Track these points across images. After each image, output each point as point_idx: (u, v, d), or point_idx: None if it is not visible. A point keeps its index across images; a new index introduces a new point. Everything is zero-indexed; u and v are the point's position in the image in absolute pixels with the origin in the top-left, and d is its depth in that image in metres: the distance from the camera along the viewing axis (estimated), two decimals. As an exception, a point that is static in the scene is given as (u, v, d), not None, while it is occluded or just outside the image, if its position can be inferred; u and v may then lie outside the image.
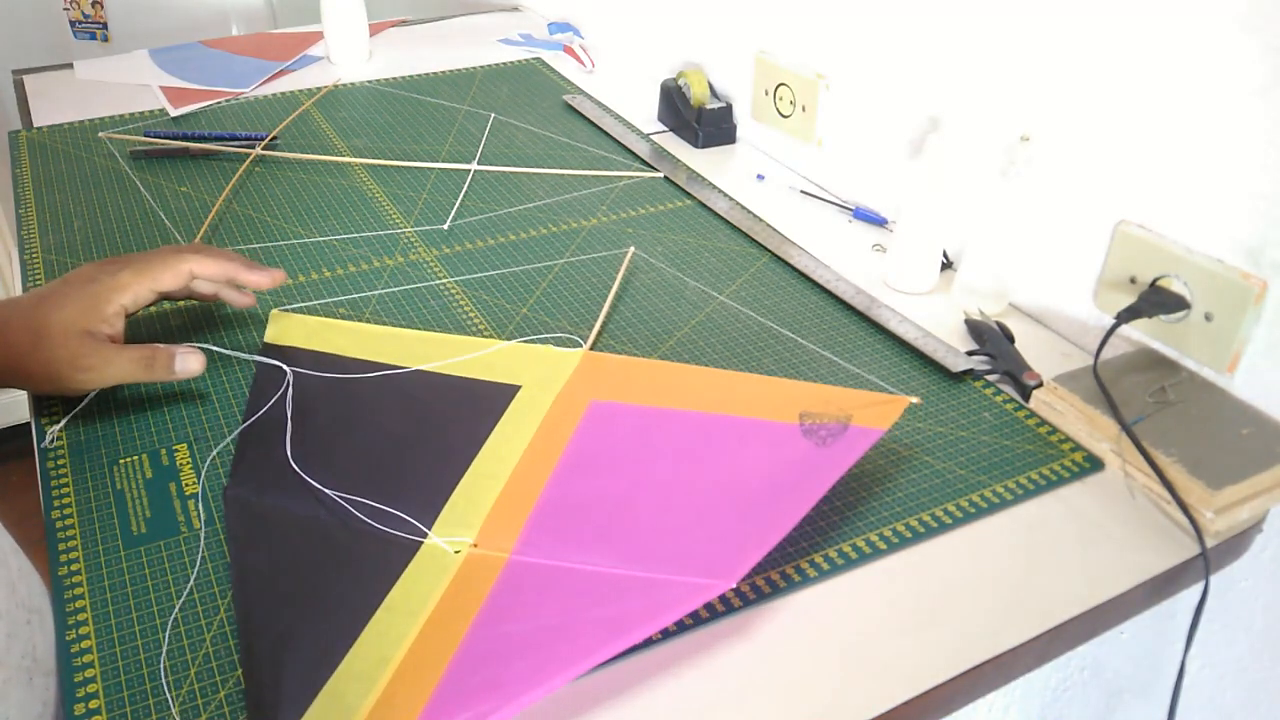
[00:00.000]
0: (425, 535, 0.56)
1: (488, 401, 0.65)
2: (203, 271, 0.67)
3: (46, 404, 0.66)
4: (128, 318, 0.65)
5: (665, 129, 1.10)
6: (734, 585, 0.49)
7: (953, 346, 0.73)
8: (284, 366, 0.68)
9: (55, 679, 0.50)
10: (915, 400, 0.61)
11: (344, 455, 0.61)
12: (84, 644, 0.50)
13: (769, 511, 0.54)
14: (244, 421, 0.64)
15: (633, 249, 0.85)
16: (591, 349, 0.71)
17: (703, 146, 1.06)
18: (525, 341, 0.72)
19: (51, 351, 0.61)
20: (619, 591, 0.51)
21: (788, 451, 0.58)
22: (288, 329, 0.73)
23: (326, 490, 0.58)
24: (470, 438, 0.62)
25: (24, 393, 0.66)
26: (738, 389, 0.64)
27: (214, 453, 0.62)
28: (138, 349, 0.63)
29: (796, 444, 0.59)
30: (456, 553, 0.55)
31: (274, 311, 0.75)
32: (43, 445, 0.62)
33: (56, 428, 0.63)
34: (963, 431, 0.66)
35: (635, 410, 0.63)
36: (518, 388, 0.66)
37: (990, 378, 0.71)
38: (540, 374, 0.68)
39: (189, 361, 0.64)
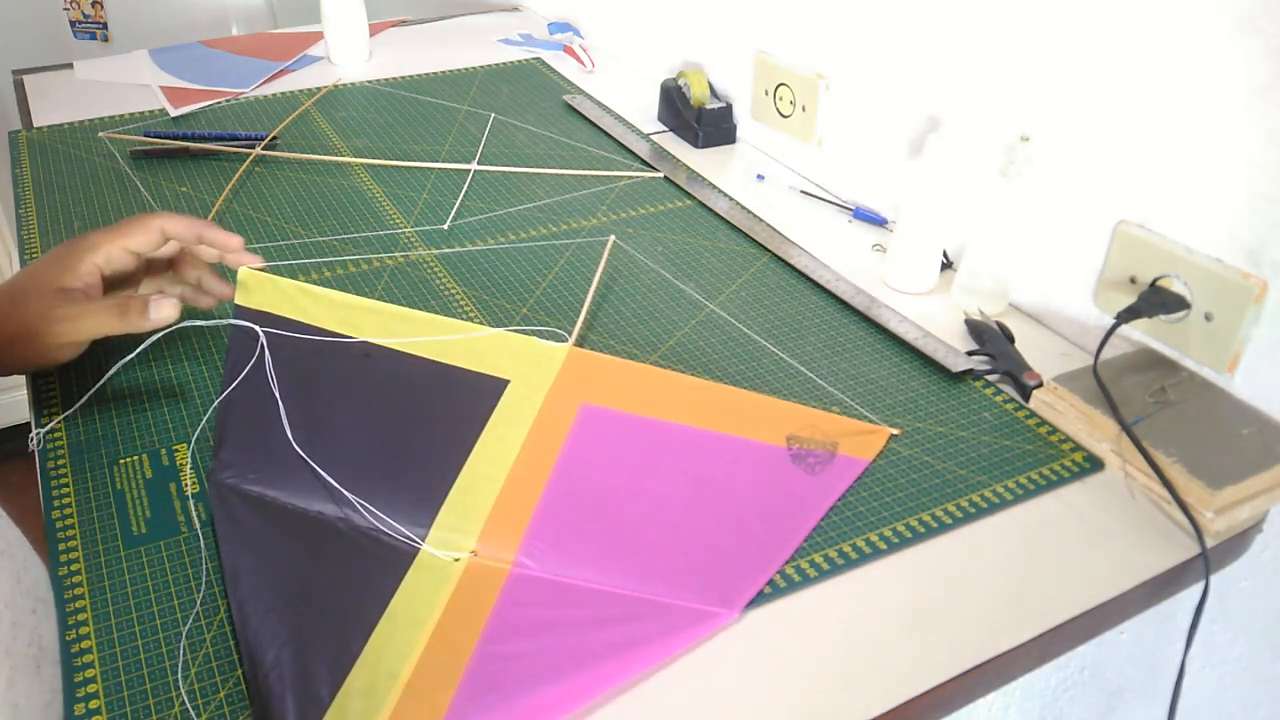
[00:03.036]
0: (422, 543, 0.55)
1: (476, 395, 0.64)
2: (173, 229, 0.67)
3: (47, 403, 0.66)
4: (106, 280, 0.65)
5: (665, 129, 1.10)
6: (736, 615, 0.52)
7: (953, 346, 0.73)
8: (256, 328, 0.63)
9: (60, 670, 0.50)
10: (895, 432, 0.65)
11: (328, 440, 0.60)
12: (84, 644, 0.50)
13: (768, 537, 0.56)
14: (222, 390, 0.62)
15: (613, 238, 0.85)
16: (577, 345, 0.71)
17: (703, 146, 1.06)
18: (511, 330, 0.70)
19: (26, 308, 0.61)
20: (627, 614, 0.52)
21: (780, 476, 0.61)
22: (257, 290, 0.66)
23: (334, 483, 0.57)
24: (461, 434, 0.62)
25: (24, 393, 0.65)
26: (725, 404, 0.65)
27: (205, 437, 0.62)
28: (111, 298, 0.62)
29: (787, 469, 0.61)
30: (456, 560, 0.55)
31: (242, 270, 0.66)
32: (30, 449, 0.62)
33: (42, 430, 0.63)
34: (963, 431, 0.66)
35: (627, 419, 0.63)
36: (506, 382, 0.65)
37: (990, 378, 0.71)
38: (527, 368, 0.66)
39: (163, 308, 0.62)
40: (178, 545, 0.56)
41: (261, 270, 0.67)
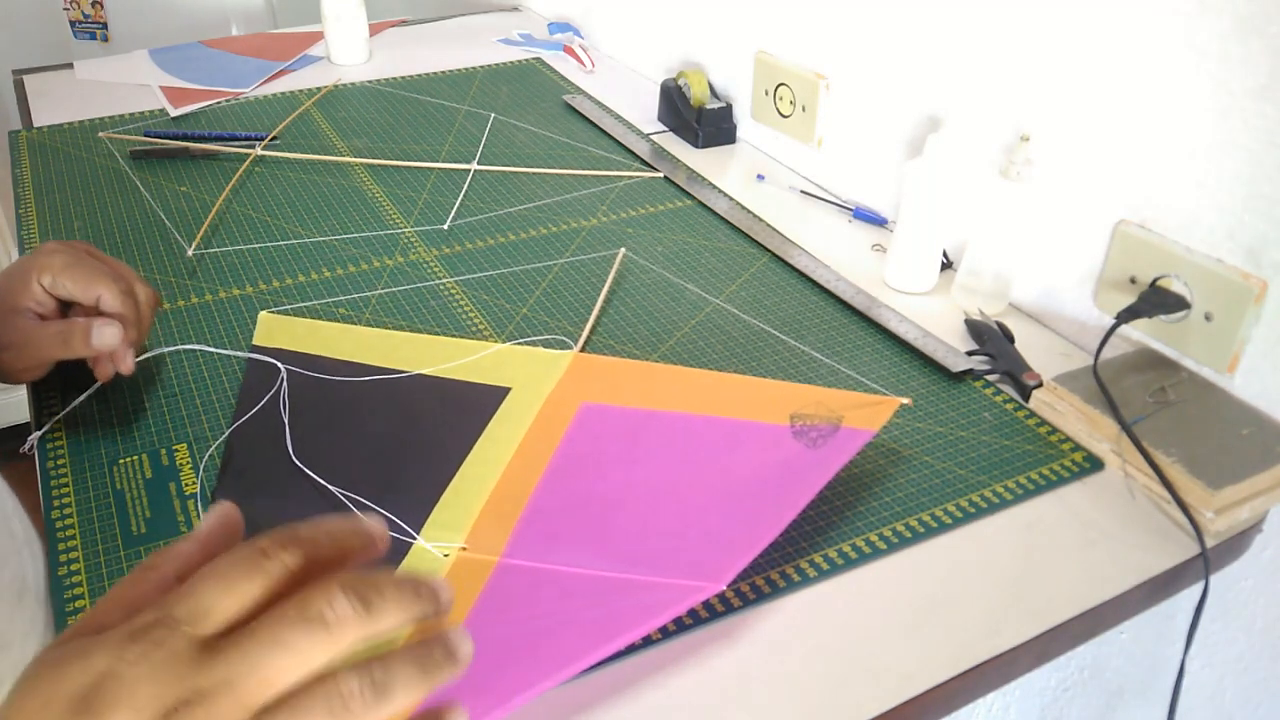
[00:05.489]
0: (414, 538, 0.56)
1: (477, 404, 0.65)
2: (107, 306, 0.63)
3: (47, 404, 0.66)
4: (61, 300, 0.63)
5: (665, 129, 1.10)
6: (723, 588, 0.49)
7: (953, 346, 0.73)
8: (278, 364, 0.68)
9: (45, 609, 0.53)
10: (906, 401, 0.60)
11: (333, 458, 0.61)
12: (84, 644, 0.50)
13: (760, 513, 0.54)
14: (234, 422, 0.64)
15: (624, 250, 0.85)
16: (583, 350, 0.71)
17: (703, 146, 1.06)
18: (517, 344, 0.72)
19: None
20: (608, 594, 0.51)
21: (778, 453, 0.58)
22: (276, 331, 0.73)
23: (324, 482, 0.58)
24: (460, 440, 0.62)
25: (24, 393, 0.65)
26: (729, 391, 0.65)
27: (211, 450, 0.62)
28: (56, 325, 0.62)
29: (787, 445, 0.59)
30: (445, 555, 0.55)
31: (262, 314, 0.74)
32: (21, 450, 0.63)
33: (35, 436, 0.63)
34: (963, 431, 0.66)
35: (626, 412, 0.63)
36: (507, 390, 0.66)
37: (990, 378, 0.71)
38: (531, 376, 0.67)
39: (104, 334, 0.62)
40: (178, 545, 0.56)
41: (287, 311, 0.71)
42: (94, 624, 0.32)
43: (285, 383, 0.66)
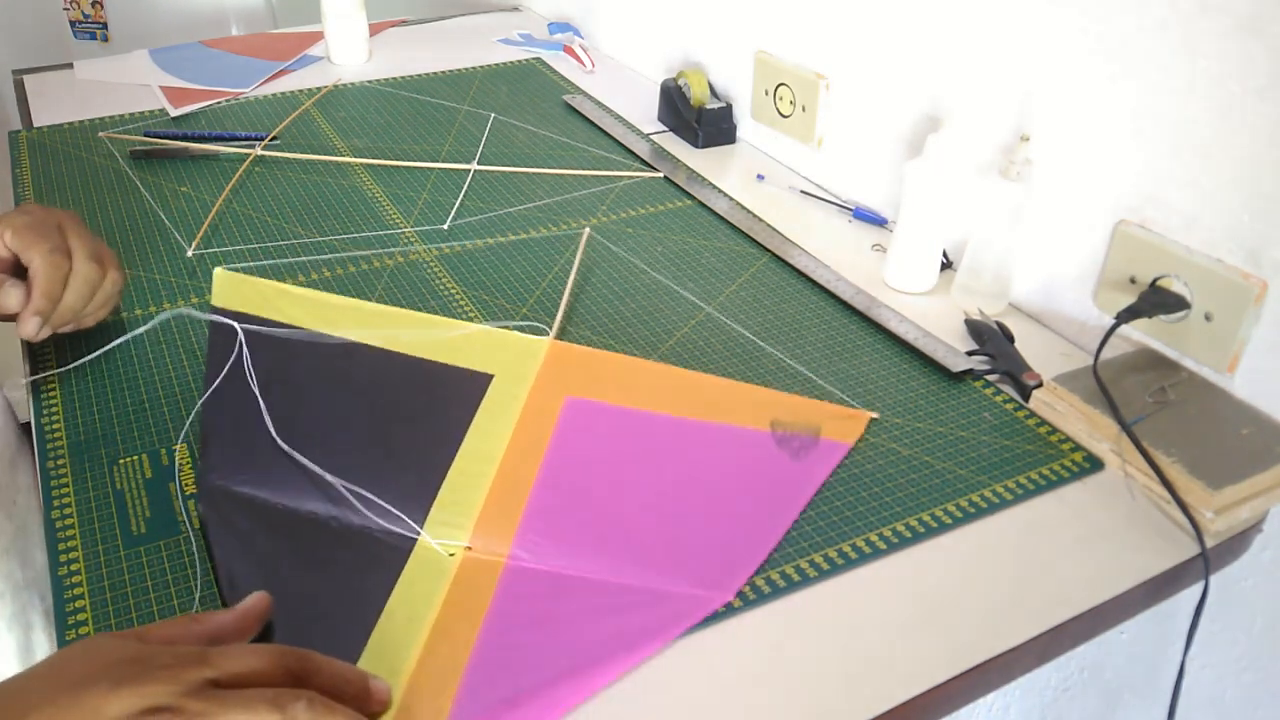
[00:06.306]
0: (418, 534, 0.56)
1: (461, 391, 0.63)
2: (30, 271, 0.64)
3: (46, 397, 0.66)
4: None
5: (665, 129, 1.10)
6: (731, 598, 0.52)
7: (952, 346, 0.73)
8: (234, 325, 0.60)
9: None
10: (873, 415, 0.65)
11: (316, 441, 0.58)
12: (84, 644, 0.50)
13: (756, 522, 0.56)
14: (204, 392, 0.59)
15: (588, 230, 0.85)
16: (560, 338, 0.70)
17: (703, 146, 1.06)
18: (494, 326, 0.70)
19: None
20: (624, 602, 0.52)
21: (765, 461, 0.61)
22: (236, 291, 0.62)
23: (330, 477, 0.57)
24: (448, 430, 0.61)
25: (22, 393, 0.66)
26: (708, 392, 0.66)
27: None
28: None
29: (772, 454, 0.61)
30: (451, 555, 0.55)
31: (218, 270, 0.61)
32: (15, 391, 0.63)
33: (25, 380, 0.64)
34: (963, 431, 0.66)
35: (612, 410, 0.64)
36: (490, 377, 0.64)
37: (990, 378, 0.71)
38: (510, 363, 0.65)
39: (6, 296, 0.63)
40: (178, 545, 0.56)
41: (235, 271, 0.62)
42: (138, 633, 0.44)
43: (245, 348, 0.60)
